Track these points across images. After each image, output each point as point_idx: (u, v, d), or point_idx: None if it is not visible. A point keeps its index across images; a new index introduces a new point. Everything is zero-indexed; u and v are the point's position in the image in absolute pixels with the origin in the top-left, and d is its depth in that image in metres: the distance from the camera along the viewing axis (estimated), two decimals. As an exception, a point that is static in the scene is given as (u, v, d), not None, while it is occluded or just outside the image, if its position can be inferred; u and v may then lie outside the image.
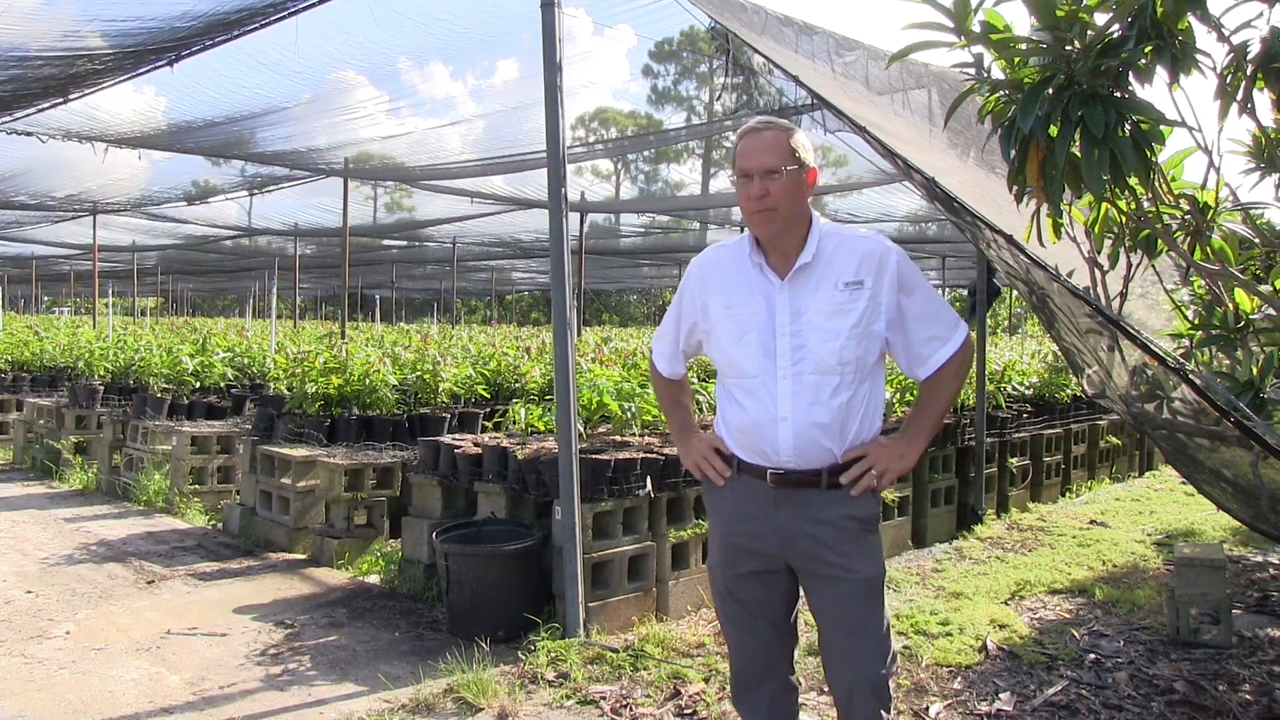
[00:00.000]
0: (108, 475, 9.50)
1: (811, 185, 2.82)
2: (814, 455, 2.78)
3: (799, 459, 2.78)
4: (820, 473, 2.80)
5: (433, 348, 11.11)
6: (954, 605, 5.67)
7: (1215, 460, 4.26)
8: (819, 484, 2.80)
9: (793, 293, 2.79)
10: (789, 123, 2.83)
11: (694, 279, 3.01)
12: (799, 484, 2.81)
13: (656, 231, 25.27)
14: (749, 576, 2.94)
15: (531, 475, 5.50)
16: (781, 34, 5.17)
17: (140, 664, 4.85)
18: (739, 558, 2.94)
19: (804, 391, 2.75)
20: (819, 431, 2.76)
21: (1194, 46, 2.95)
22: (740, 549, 2.93)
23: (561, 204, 5.13)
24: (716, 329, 2.91)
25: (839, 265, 2.78)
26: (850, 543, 2.81)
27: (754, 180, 2.73)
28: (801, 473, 2.80)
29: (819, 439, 2.76)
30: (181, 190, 16.79)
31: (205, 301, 64.48)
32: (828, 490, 2.80)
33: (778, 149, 2.73)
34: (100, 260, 22.22)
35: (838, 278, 2.77)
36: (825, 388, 2.75)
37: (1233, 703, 4.27)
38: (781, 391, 2.77)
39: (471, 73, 73.74)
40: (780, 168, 2.71)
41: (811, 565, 2.84)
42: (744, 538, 2.91)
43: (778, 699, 3.05)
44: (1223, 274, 3.57)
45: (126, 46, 7.39)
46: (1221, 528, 7.75)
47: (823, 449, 2.78)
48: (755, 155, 2.74)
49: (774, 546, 2.86)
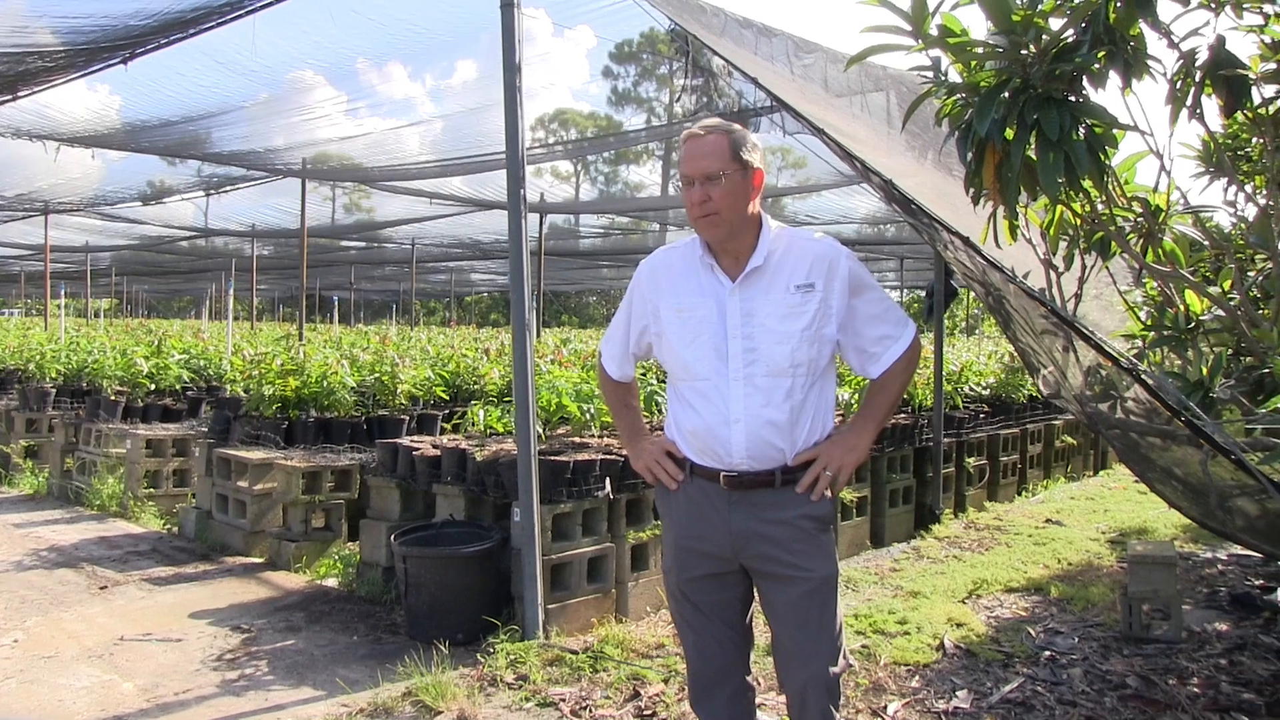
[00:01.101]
0: (59, 480, 9.34)
1: (758, 188, 2.82)
2: (767, 456, 2.78)
3: (752, 460, 2.78)
4: (773, 473, 2.80)
5: (391, 349, 11.05)
6: (912, 604, 5.71)
7: (1167, 459, 4.32)
8: (772, 484, 2.80)
9: (744, 295, 2.79)
10: (731, 125, 2.81)
11: (644, 281, 3.00)
12: (752, 485, 2.81)
13: (616, 233, 25.28)
14: (703, 579, 2.94)
15: (490, 477, 5.48)
16: (741, 36, 5.19)
17: (92, 671, 4.77)
18: (693, 560, 2.94)
19: (756, 393, 2.76)
20: (772, 432, 2.77)
21: (1146, 52, 3.00)
22: (694, 551, 2.93)
23: (520, 205, 5.11)
24: (668, 331, 2.90)
25: (790, 268, 2.79)
26: (804, 542, 2.81)
27: (695, 185, 2.72)
28: (755, 474, 2.80)
29: (772, 440, 2.77)
30: (136, 190, 16.58)
31: (161, 303, 63.62)
32: (781, 490, 2.81)
33: (718, 153, 2.72)
34: (52, 261, 21.88)
35: (789, 280, 2.77)
36: (778, 390, 2.76)
37: (1182, 696, 4.34)
38: (734, 393, 2.77)
39: (430, 74, 73.32)
40: (720, 172, 2.71)
41: (766, 566, 2.84)
42: (697, 540, 2.91)
43: (736, 700, 3.05)
44: (1174, 276, 3.62)
45: (78, 44, 7.28)
46: (1173, 525, 7.88)
47: (775, 449, 2.78)
48: (695, 160, 2.73)
49: (727, 549, 2.86)
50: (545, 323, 32.47)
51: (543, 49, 28.32)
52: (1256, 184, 4.11)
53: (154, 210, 18.39)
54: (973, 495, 8.92)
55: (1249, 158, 4.63)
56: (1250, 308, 3.67)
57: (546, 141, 41.05)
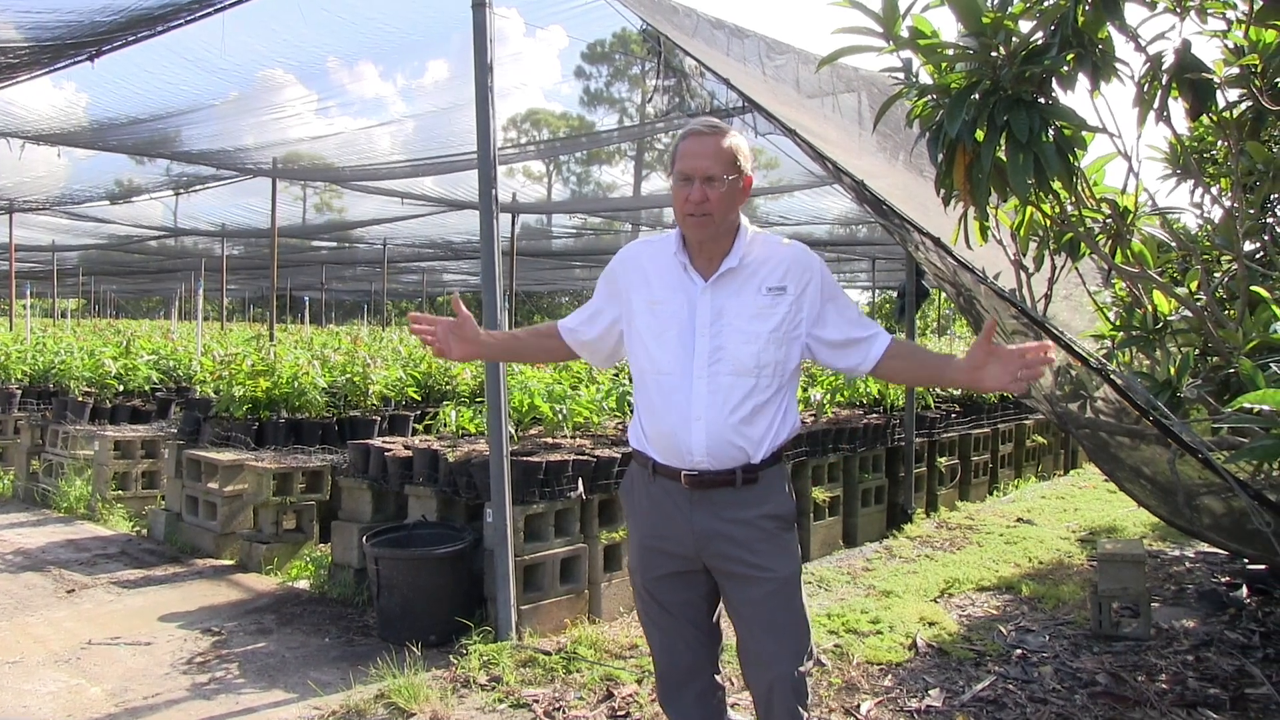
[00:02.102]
0: (25, 482, 9.23)
1: (747, 192, 2.82)
2: (727, 455, 2.78)
3: (712, 459, 2.78)
4: (734, 472, 2.79)
5: (363, 350, 10.98)
6: (884, 603, 5.74)
7: (1135, 458, 4.37)
8: (733, 483, 2.80)
9: (715, 294, 2.79)
10: (732, 128, 2.81)
11: (617, 272, 3.00)
12: (713, 484, 2.80)
13: (589, 233, 25.25)
14: (668, 578, 2.94)
15: (463, 478, 5.46)
16: (713, 37, 5.19)
17: (59, 676, 4.72)
18: (657, 560, 2.94)
19: (719, 392, 2.75)
20: (732, 432, 2.76)
21: (1114, 55, 3.03)
22: (658, 551, 2.92)
23: (492, 205, 5.10)
24: (637, 322, 2.90)
25: (764, 271, 2.79)
26: (766, 541, 2.81)
27: (694, 184, 2.71)
28: (715, 473, 2.80)
29: (732, 439, 2.76)
30: (104, 189, 16.40)
31: (129, 303, 62.97)
32: (742, 489, 2.80)
33: (721, 156, 2.71)
34: (17, 260, 21.62)
35: (761, 282, 2.78)
36: (740, 388, 2.76)
37: (1150, 692, 4.38)
38: (697, 391, 2.76)
39: (401, 73, 73.17)
40: (722, 175, 2.70)
41: (728, 565, 2.84)
42: (661, 540, 2.90)
43: (704, 699, 3.05)
44: (1142, 276, 3.66)
45: (43, 40, 7.19)
46: (1142, 523, 7.96)
47: (736, 449, 2.77)
48: (698, 159, 2.72)
49: (690, 548, 2.85)
50: (517, 323, 32.38)
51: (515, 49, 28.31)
52: (1222, 186, 4.17)
53: (122, 209, 18.19)
54: (944, 495, 8.97)
55: (1215, 160, 4.69)
56: (1216, 308, 3.71)
57: (519, 141, 41.01)
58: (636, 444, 2.97)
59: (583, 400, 6.50)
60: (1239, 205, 3.62)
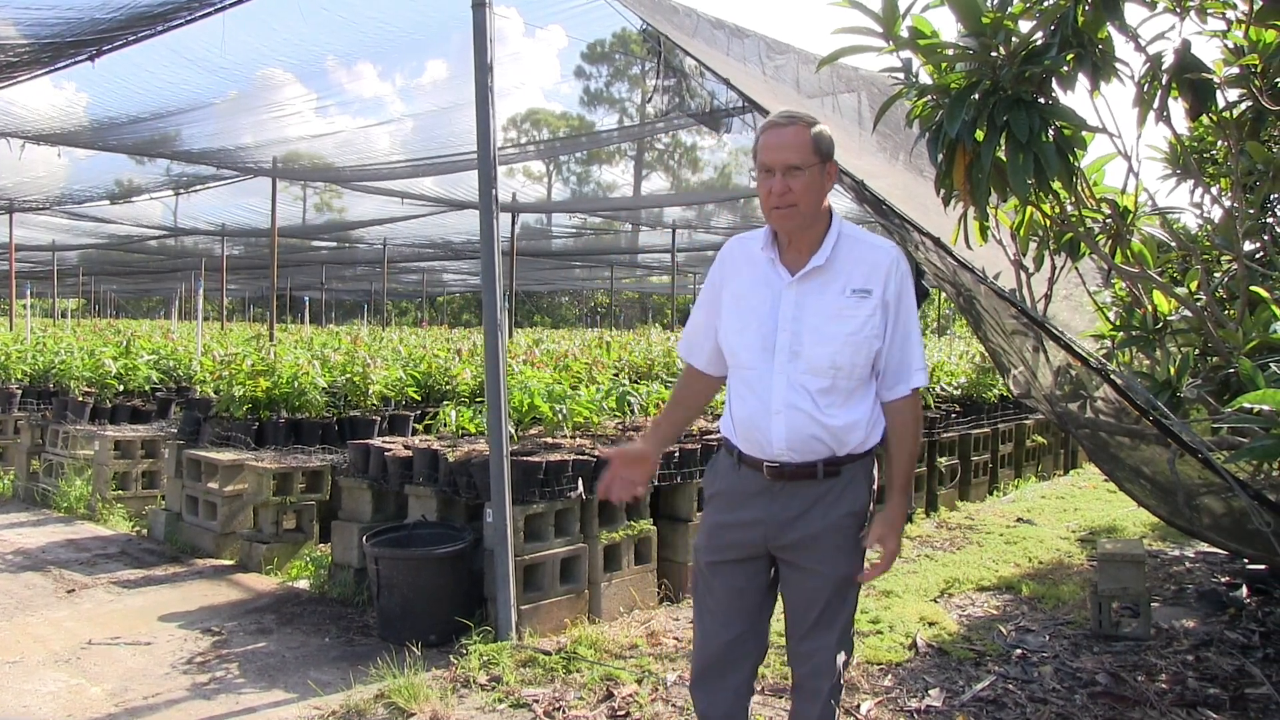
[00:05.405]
0: (25, 482, 9.23)
1: (832, 180, 2.82)
2: (808, 449, 2.78)
3: (793, 452, 2.78)
4: (815, 465, 2.80)
5: (363, 350, 10.98)
6: (885, 603, 5.74)
7: (1135, 458, 4.37)
8: (815, 476, 2.80)
9: (800, 290, 2.79)
10: (811, 117, 2.79)
11: (716, 269, 3.02)
12: (795, 476, 2.81)
13: (588, 233, 25.27)
14: (731, 564, 2.94)
15: (463, 478, 5.46)
16: (713, 37, 5.20)
17: (59, 676, 4.72)
18: (725, 543, 2.94)
19: (797, 388, 2.76)
20: (813, 425, 2.76)
21: (1113, 55, 3.02)
22: (728, 533, 2.93)
23: (492, 205, 5.10)
24: (724, 315, 2.92)
25: (850, 270, 2.78)
26: (839, 535, 2.83)
27: (775, 176, 2.70)
28: (796, 465, 2.80)
29: (813, 432, 2.77)
30: (104, 189, 16.42)
31: (130, 303, 62.99)
32: (824, 482, 2.81)
33: (801, 145, 2.70)
34: (18, 260, 21.64)
35: (846, 283, 2.77)
36: (818, 385, 2.75)
37: (1150, 692, 4.38)
38: (776, 385, 2.77)
39: (400, 73, 73.13)
40: (803, 164, 2.70)
41: (795, 557, 2.85)
42: (733, 524, 2.92)
43: (739, 692, 3.01)
44: (1142, 276, 3.66)
45: (43, 38, 7.18)
46: (1141, 523, 7.95)
47: (817, 442, 2.78)
48: (778, 150, 2.71)
49: (760, 536, 2.86)
50: (517, 323, 32.37)
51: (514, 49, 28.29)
52: (1222, 186, 4.17)
53: (122, 209, 18.22)
54: (944, 495, 8.96)
55: (1215, 160, 4.69)
56: (1216, 308, 3.72)
57: (519, 141, 41.01)
58: (726, 431, 2.99)
59: (583, 400, 6.50)
60: (1239, 205, 3.62)
